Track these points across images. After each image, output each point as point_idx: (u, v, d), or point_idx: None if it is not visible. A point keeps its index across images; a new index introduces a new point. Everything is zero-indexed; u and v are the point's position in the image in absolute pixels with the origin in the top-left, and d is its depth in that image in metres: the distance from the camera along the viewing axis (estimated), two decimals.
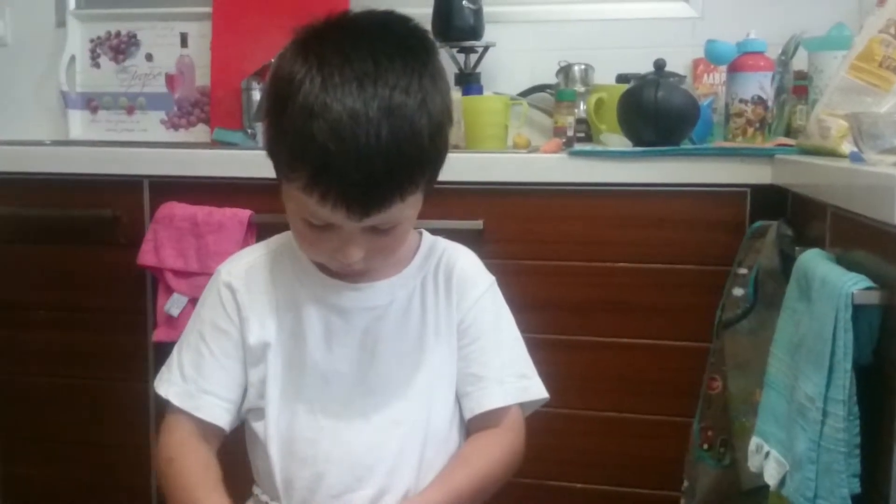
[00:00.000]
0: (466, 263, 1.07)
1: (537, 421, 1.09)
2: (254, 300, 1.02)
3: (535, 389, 1.06)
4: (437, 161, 0.92)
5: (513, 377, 1.05)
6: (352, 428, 0.99)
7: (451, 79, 2.09)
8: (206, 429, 1.01)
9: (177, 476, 0.99)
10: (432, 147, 0.88)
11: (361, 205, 0.85)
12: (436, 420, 1.02)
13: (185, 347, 1.04)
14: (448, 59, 2.12)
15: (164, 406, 1.03)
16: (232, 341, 1.02)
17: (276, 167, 0.91)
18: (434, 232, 1.10)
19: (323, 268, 1.01)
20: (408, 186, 0.87)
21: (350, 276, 0.99)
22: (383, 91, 0.83)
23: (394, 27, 0.91)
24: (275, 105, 0.88)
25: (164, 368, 1.05)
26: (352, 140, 0.82)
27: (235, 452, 1.05)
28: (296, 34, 0.90)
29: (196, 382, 1.01)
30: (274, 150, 0.90)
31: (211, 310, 1.04)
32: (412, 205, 0.91)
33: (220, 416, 1.01)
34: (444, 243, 1.08)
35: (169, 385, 1.02)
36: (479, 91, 2.04)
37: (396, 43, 0.88)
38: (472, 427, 1.05)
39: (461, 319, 1.04)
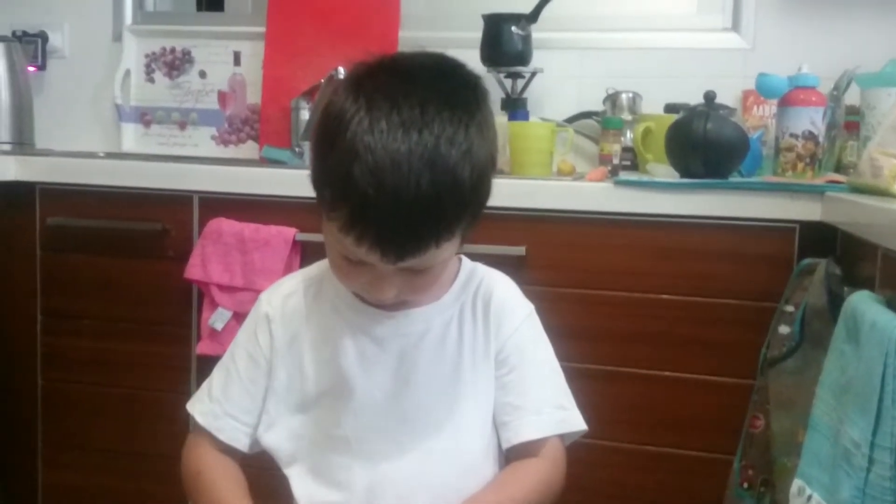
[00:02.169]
0: (505, 291, 1.07)
1: (574, 451, 1.08)
2: (287, 329, 1.04)
3: (574, 421, 1.05)
4: (478, 209, 0.92)
5: (550, 408, 1.04)
6: (386, 457, 0.99)
7: (497, 104, 2.12)
8: (226, 448, 1.04)
9: (206, 489, 1.01)
10: (473, 197, 0.88)
11: (396, 250, 0.86)
12: (471, 449, 1.02)
13: (219, 369, 1.08)
14: (495, 84, 2.13)
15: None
16: (260, 370, 1.04)
17: (319, 201, 0.91)
18: (476, 257, 1.10)
19: (360, 295, 1.02)
20: (445, 235, 0.87)
21: (385, 308, 1.00)
22: (428, 139, 0.83)
23: (446, 74, 0.91)
24: (322, 141, 0.89)
25: (200, 389, 1.08)
26: (392, 186, 0.82)
27: (269, 471, 1.06)
28: (350, 70, 0.91)
29: (221, 404, 1.04)
30: (317, 185, 0.90)
31: (246, 336, 1.07)
32: (448, 249, 0.91)
33: (239, 439, 1.04)
34: (482, 270, 1.08)
35: (196, 402, 1.06)
36: (526, 117, 2.05)
37: (447, 92, 0.88)
38: (511, 457, 1.04)
39: (499, 349, 1.04)
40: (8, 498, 2.02)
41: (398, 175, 0.82)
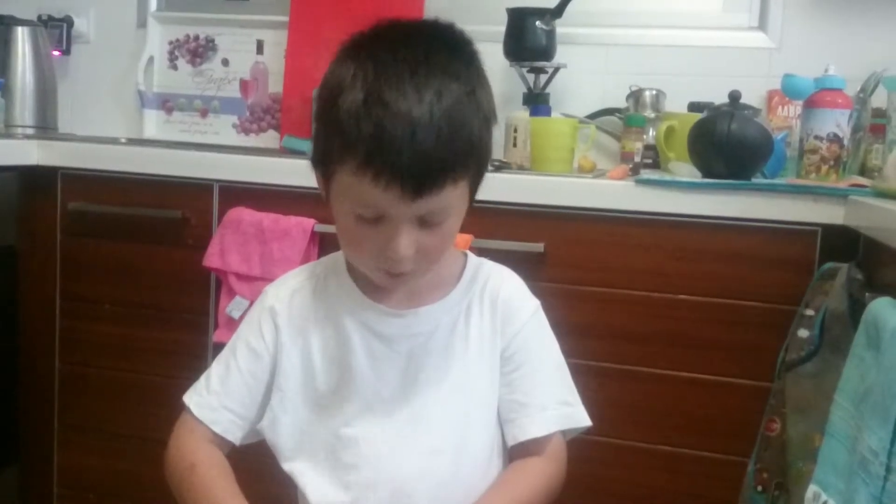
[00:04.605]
0: (511, 288, 1.06)
1: (588, 449, 1.08)
2: (294, 325, 1.04)
3: (578, 417, 1.05)
4: (484, 155, 0.93)
5: (556, 404, 1.04)
6: (394, 454, 0.99)
7: (519, 98, 2.11)
8: (218, 439, 1.03)
9: (202, 485, 0.99)
10: (479, 137, 0.90)
11: (415, 183, 0.85)
12: (477, 447, 1.02)
13: (218, 362, 1.06)
14: (518, 79, 2.12)
15: None
16: (262, 363, 1.04)
17: (325, 162, 0.91)
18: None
19: (368, 291, 1.02)
20: (459, 168, 0.88)
21: (395, 283, 0.98)
22: (434, 76, 0.86)
23: (441, 28, 0.94)
24: (326, 102, 0.90)
25: (199, 380, 1.07)
26: (407, 117, 0.83)
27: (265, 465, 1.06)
28: (342, 44, 0.92)
29: (219, 397, 1.03)
30: (323, 146, 0.90)
31: (248, 329, 1.06)
32: (461, 196, 0.92)
33: (233, 432, 1.03)
34: (488, 266, 1.08)
35: (193, 394, 1.05)
36: (548, 112, 2.04)
37: (444, 39, 0.92)
38: (514, 454, 1.04)
39: (506, 346, 1.03)
40: (23, 479, 2.04)
41: (411, 106, 0.84)
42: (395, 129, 0.83)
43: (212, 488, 0.98)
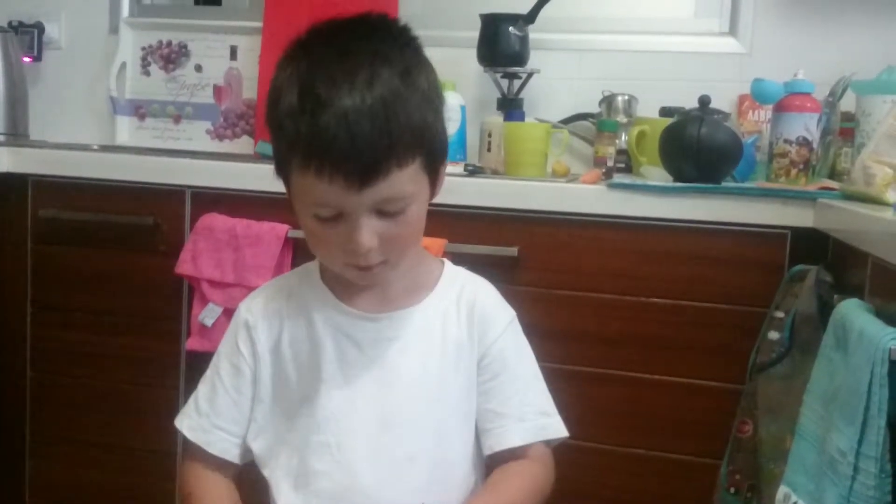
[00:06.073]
0: (488, 297, 1.07)
1: (561, 453, 1.08)
2: (269, 335, 1.03)
3: (555, 427, 1.05)
4: (432, 136, 0.92)
5: (533, 415, 1.04)
6: (367, 463, 0.98)
7: (493, 104, 2.12)
8: (219, 463, 1.03)
9: None
10: (420, 117, 0.89)
11: (357, 172, 0.85)
12: (452, 456, 1.02)
13: (203, 382, 1.06)
14: (492, 84, 2.13)
15: None
16: (244, 378, 1.03)
17: (280, 167, 0.93)
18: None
19: (342, 296, 1.02)
20: (402, 151, 0.87)
21: (369, 278, 0.97)
22: (364, 60, 0.87)
23: (373, 18, 0.95)
24: (270, 109, 0.91)
25: (188, 401, 1.07)
26: (338, 105, 0.84)
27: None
28: (283, 51, 0.94)
29: (209, 417, 1.03)
30: (276, 152, 0.93)
31: (228, 346, 1.06)
32: (414, 180, 0.90)
33: (230, 450, 1.03)
34: (463, 275, 1.08)
35: (185, 418, 1.05)
36: (521, 117, 2.05)
37: (376, 27, 0.93)
38: (493, 463, 1.04)
39: (483, 355, 1.03)
40: None
41: (342, 94, 0.85)
42: (328, 121, 0.84)
43: None
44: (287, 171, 0.91)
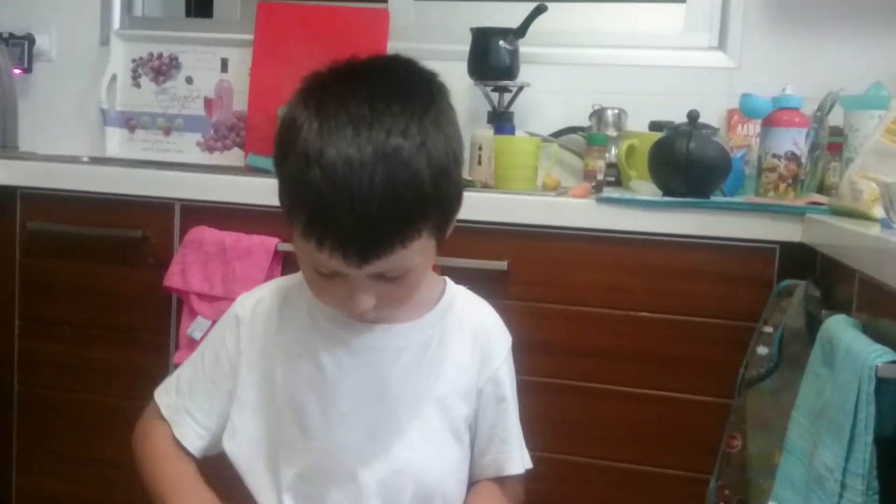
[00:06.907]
0: (491, 321, 1.07)
1: (548, 466, 1.09)
2: (255, 335, 1.03)
3: (527, 458, 1.08)
4: (444, 206, 0.88)
5: (521, 444, 1.07)
6: (351, 472, 0.98)
7: (483, 117, 2.12)
8: (178, 444, 1.03)
9: (166, 476, 1.03)
10: (434, 191, 0.85)
11: (358, 251, 0.83)
12: (440, 473, 1.01)
13: (189, 362, 1.07)
14: (482, 98, 2.13)
15: None
16: (223, 371, 1.03)
17: (283, 211, 0.90)
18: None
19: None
20: (408, 232, 0.84)
21: (366, 322, 0.98)
22: (378, 135, 0.81)
23: (395, 70, 0.90)
24: (278, 152, 0.89)
25: (171, 375, 1.08)
26: (345, 185, 0.80)
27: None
28: (303, 82, 0.90)
29: (184, 399, 1.04)
30: (280, 197, 0.89)
31: (216, 336, 1.06)
32: (420, 251, 0.87)
33: (190, 438, 1.03)
34: (464, 295, 1.07)
35: (164, 394, 1.06)
36: (511, 131, 2.05)
37: (396, 85, 0.87)
38: (477, 485, 1.05)
39: (489, 378, 1.03)
40: None
41: (350, 173, 0.80)
42: (332, 197, 0.81)
43: (178, 479, 1.02)
44: (289, 221, 0.88)
